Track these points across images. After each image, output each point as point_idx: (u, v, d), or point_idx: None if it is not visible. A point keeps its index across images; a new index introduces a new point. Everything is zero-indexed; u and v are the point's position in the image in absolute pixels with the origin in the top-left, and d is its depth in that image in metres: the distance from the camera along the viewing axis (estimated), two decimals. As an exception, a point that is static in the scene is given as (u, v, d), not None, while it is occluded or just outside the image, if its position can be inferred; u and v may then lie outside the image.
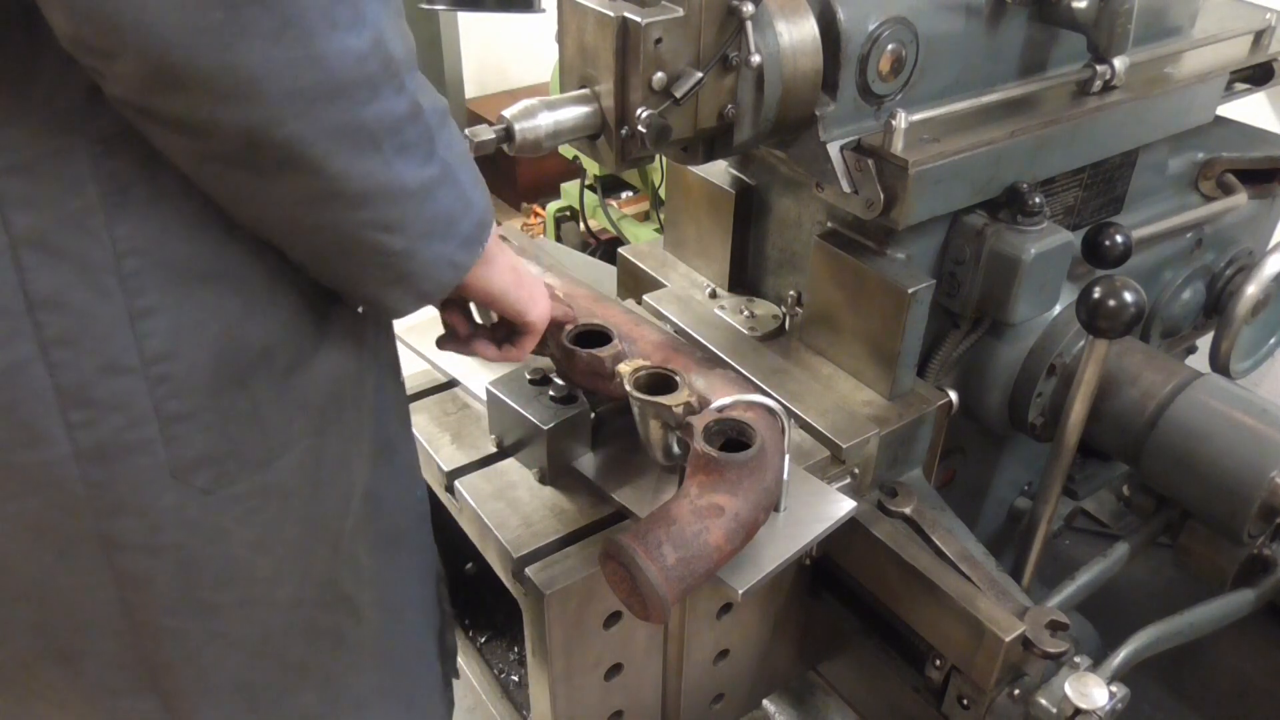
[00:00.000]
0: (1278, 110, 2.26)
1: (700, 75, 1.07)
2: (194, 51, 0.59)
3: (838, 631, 1.45)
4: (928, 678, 1.30)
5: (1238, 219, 1.77)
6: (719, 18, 1.07)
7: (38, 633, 0.77)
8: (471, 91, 4.16)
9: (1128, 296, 1.24)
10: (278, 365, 0.77)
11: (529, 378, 1.22)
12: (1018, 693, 1.22)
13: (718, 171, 1.52)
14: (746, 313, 1.51)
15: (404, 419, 1.02)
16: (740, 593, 1.01)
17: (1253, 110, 1.98)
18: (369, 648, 0.97)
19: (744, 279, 1.58)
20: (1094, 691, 1.16)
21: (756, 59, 1.09)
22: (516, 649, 1.53)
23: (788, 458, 1.07)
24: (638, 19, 1.03)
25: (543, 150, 1.09)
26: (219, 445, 0.74)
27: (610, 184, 3.40)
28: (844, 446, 1.27)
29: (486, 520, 1.16)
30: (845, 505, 1.13)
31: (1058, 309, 1.45)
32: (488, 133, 1.07)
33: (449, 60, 3.84)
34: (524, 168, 4.01)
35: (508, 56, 4.31)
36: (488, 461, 1.26)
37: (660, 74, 1.06)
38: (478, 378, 1.33)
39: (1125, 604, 1.83)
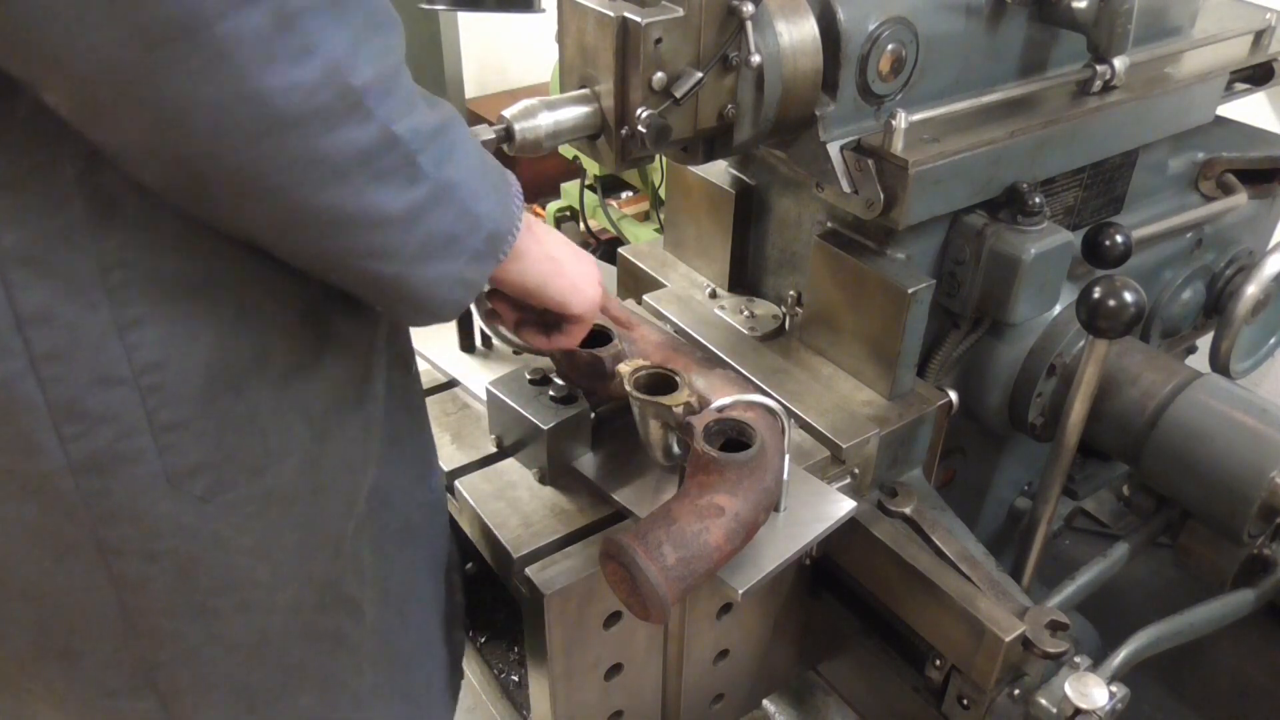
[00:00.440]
0: (1278, 110, 2.26)
1: (700, 75, 1.07)
2: (117, 87, 0.57)
3: (838, 631, 1.45)
4: (928, 678, 1.30)
5: (1238, 219, 1.77)
6: (719, 18, 1.07)
7: (36, 632, 0.76)
8: (471, 91, 4.15)
9: (1128, 296, 1.24)
10: (276, 371, 0.76)
11: (529, 378, 1.21)
12: (1018, 693, 1.22)
13: (718, 171, 1.51)
14: (746, 313, 1.51)
15: (415, 408, 0.99)
16: (740, 593, 1.01)
17: (1253, 110, 1.98)
18: (370, 646, 0.97)
19: (744, 279, 1.58)
20: (1094, 691, 1.16)
21: (756, 59, 1.08)
22: (516, 649, 1.52)
23: (788, 458, 1.07)
24: (638, 19, 1.03)
25: (543, 150, 1.09)
26: (215, 452, 0.74)
27: (610, 184, 3.39)
28: (844, 446, 1.27)
29: (486, 520, 1.16)
30: (845, 505, 1.13)
31: (1058, 309, 1.45)
32: (488, 133, 1.06)
33: (449, 60, 3.83)
34: (524, 168, 3.93)
35: (508, 56, 4.31)
36: (488, 461, 1.26)
37: (660, 74, 1.06)
38: (478, 378, 1.33)
39: (1125, 604, 1.83)
